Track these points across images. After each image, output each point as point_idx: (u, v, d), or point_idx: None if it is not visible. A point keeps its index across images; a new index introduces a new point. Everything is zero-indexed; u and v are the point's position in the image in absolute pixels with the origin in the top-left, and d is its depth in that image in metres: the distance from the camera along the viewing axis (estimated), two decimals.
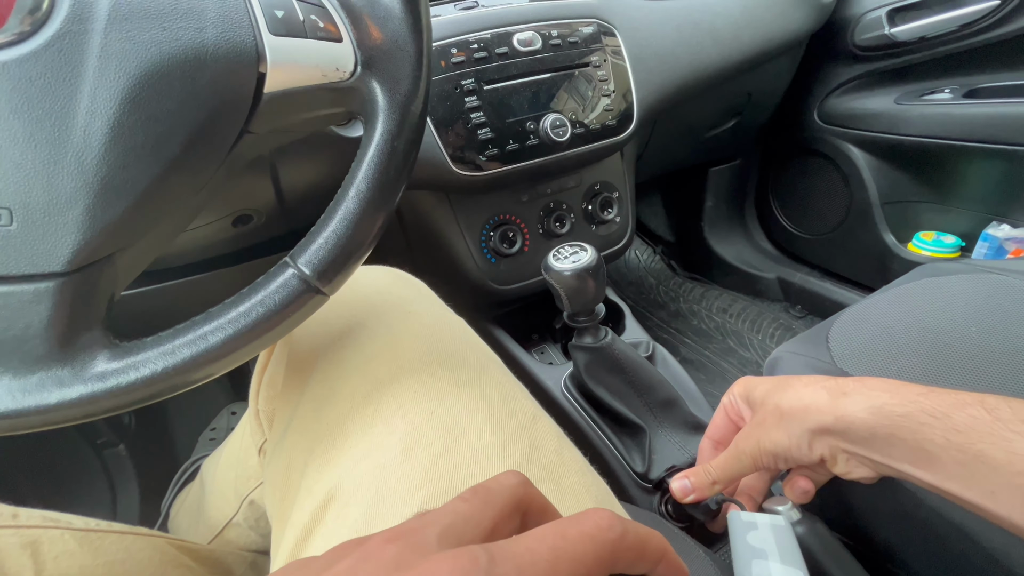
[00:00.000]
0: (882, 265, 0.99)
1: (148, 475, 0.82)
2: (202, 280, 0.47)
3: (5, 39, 0.21)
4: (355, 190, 0.27)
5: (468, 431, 0.26)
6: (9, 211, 0.21)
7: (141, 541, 0.41)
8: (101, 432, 0.79)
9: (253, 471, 0.43)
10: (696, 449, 0.49)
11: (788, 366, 0.53)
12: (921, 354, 0.48)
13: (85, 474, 0.78)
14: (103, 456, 0.79)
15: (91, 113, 0.22)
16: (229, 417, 0.86)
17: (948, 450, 0.25)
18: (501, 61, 0.56)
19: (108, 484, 0.79)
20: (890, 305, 0.55)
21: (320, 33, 0.26)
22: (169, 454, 0.88)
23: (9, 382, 0.22)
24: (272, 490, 0.31)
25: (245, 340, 0.25)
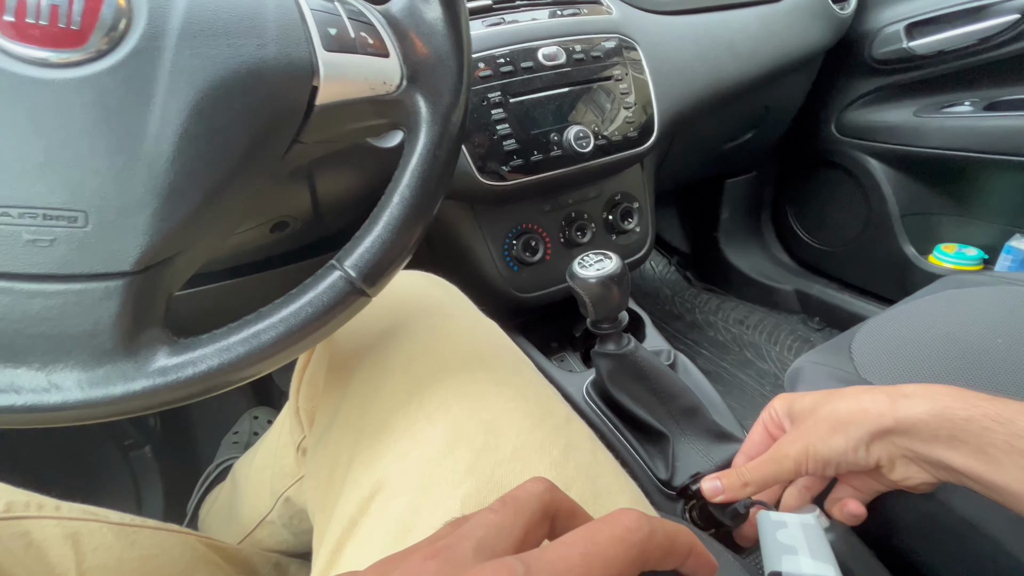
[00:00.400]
0: (902, 277, 0.99)
1: (172, 477, 0.84)
2: (239, 284, 0.49)
3: (87, 56, 0.23)
4: (399, 196, 0.28)
5: (508, 428, 0.27)
6: (85, 213, 0.23)
7: (173, 537, 0.42)
8: (128, 433, 0.81)
9: (290, 469, 0.44)
10: (719, 457, 0.49)
11: (810, 376, 0.53)
12: (947, 365, 0.48)
13: (112, 474, 0.79)
14: (129, 457, 0.81)
15: (161, 124, 0.23)
16: (251, 421, 0.87)
17: (1011, 454, 0.25)
18: (526, 75, 0.57)
19: (133, 484, 0.81)
20: (914, 316, 0.55)
21: (369, 49, 0.28)
22: (192, 457, 0.90)
23: (79, 375, 0.23)
24: (315, 484, 0.32)
25: (295, 339, 0.26)
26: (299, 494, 0.44)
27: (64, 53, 0.22)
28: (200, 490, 0.73)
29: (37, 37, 0.22)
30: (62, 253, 0.22)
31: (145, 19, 0.23)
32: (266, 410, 0.91)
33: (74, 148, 0.22)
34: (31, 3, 0.22)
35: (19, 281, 0.22)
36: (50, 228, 0.22)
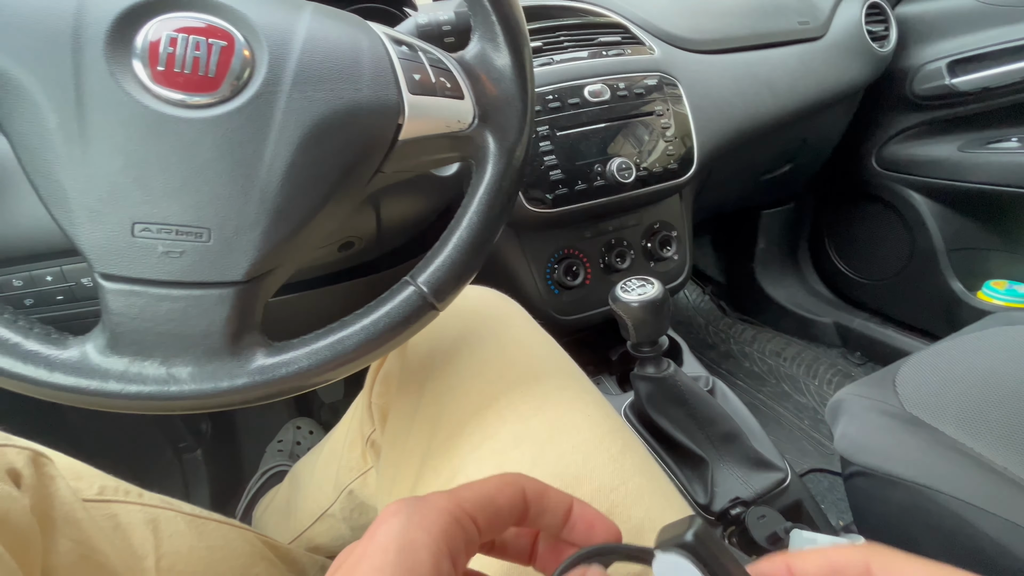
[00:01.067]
0: (949, 313, 0.96)
1: (218, 479, 0.88)
2: (304, 296, 0.53)
3: (217, 99, 0.27)
4: (467, 221, 0.32)
5: (569, 426, 0.29)
6: (209, 230, 0.27)
7: (235, 532, 0.45)
8: (183, 437, 0.86)
9: (356, 462, 0.47)
10: (759, 484, 0.49)
11: (853, 409, 0.53)
12: (996, 402, 0.47)
13: (166, 472, 0.84)
14: (182, 459, 0.86)
15: (274, 156, 0.27)
16: (295, 431, 0.91)
17: None
18: (573, 110, 0.61)
19: (183, 484, 0.85)
20: (963, 352, 0.55)
21: (447, 92, 0.31)
22: (237, 462, 0.94)
23: (192, 369, 0.27)
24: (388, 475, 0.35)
25: (374, 345, 0.29)
26: (363, 487, 0.47)
27: (199, 97, 0.27)
28: (248, 495, 0.77)
29: (180, 83, 0.26)
30: (188, 263, 0.26)
31: (265, 69, 0.27)
32: (308, 421, 0.95)
33: (204, 175, 0.26)
34: (179, 55, 0.26)
35: (152, 286, 0.26)
36: (181, 242, 0.26)
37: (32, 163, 0.26)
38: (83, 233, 0.26)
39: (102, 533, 0.35)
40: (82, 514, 0.34)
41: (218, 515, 0.46)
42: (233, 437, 0.95)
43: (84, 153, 0.25)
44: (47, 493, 0.32)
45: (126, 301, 0.26)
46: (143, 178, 0.26)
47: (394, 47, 0.31)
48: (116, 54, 0.26)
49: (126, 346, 0.26)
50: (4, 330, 0.25)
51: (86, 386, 0.26)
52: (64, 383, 0.25)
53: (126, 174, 0.26)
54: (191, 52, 0.26)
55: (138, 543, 0.37)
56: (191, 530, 0.41)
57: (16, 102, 0.25)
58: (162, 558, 0.38)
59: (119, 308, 0.26)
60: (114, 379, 0.26)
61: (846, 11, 0.88)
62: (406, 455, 0.34)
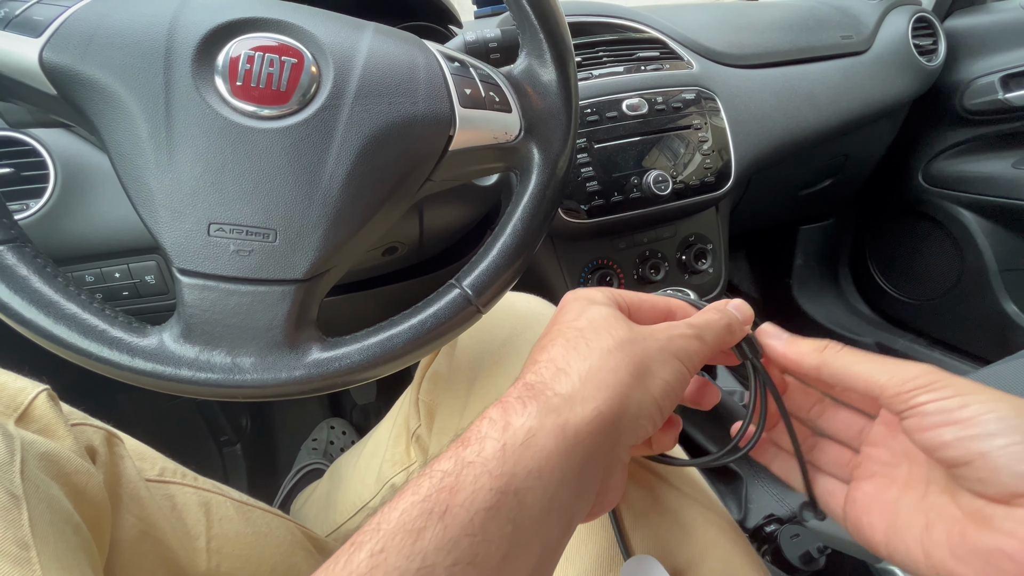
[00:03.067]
0: (1002, 336, 0.92)
1: (255, 473, 0.91)
2: (348, 299, 0.55)
3: (287, 111, 0.29)
4: (511, 228, 0.33)
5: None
6: (275, 231, 0.29)
7: (278, 521, 0.47)
8: (225, 431, 0.90)
9: (400, 456, 0.49)
10: (795, 501, 0.48)
11: None
12: None
13: (207, 464, 0.88)
14: (223, 452, 0.90)
15: (336, 164, 0.29)
16: (328, 431, 0.94)
17: None
18: (611, 123, 0.62)
19: (224, 476, 0.89)
20: (1017, 377, 0.53)
21: (496, 105, 0.33)
22: (272, 458, 0.98)
23: (255, 360, 0.29)
24: None
25: (421, 343, 0.31)
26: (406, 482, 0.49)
27: (270, 109, 0.29)
28: (284, 491, 0.79)
29: (255, 97, 0.29)
30: (257, 261, 0.28)
31: (331, 84, 0.30)
32: (341, 421, 0.98)
33: (272, 181, 0.29)
34: (255, 71, 0.29)
35: (224, 282, 0.28)
36: (250, 241, 0.28)
37: (125, 168, 0.28)
38: (165, 231, 0.28)
39: (161, 512, 0.37)
40: (144, 493, 0.36)
41: (263, 504, 0.48)
42: (271, 434, 0.99)
43: (170, 159, 0.28)
44: (117, 471, 0.35)
45: (200, 295, 0.28)
46: (219, 182, 0.28)
47: (447, 63, 0.33)
48: (201, 70, 0.28)
49: (198, 336, 0.28)
50: (93, 317, 0.28)
51: (162, 371, 0.28)
52: (143, 368, 0.28)
53: (205, 179, 0.28)
54: (266, 69, 0.29)
55: (192, 524, 0.40)
56: (239, 515, 0.43)
57: (114, 113, 0.28)
58: (212, 539, 0.40)
59: (193, 301, 0.28)
60: (186, 366, 0.28)
61: (892, 25, 0.87)
62: None
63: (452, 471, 0.18)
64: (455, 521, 0.17)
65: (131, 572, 0.34)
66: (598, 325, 0.23)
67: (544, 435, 0.19)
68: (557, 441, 0.19)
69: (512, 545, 0.17)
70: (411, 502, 0.18)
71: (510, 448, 0.18)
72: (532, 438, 0.18)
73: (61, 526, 0.28)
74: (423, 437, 0.44)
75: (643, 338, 0.23)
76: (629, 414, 0.21)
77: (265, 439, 0.97)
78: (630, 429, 0.21)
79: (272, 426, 1.01)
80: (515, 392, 0.21)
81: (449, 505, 0.17)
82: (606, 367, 0.21)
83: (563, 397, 0.20)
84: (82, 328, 0.27)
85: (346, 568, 0.16)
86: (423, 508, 0.17)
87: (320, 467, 0.83)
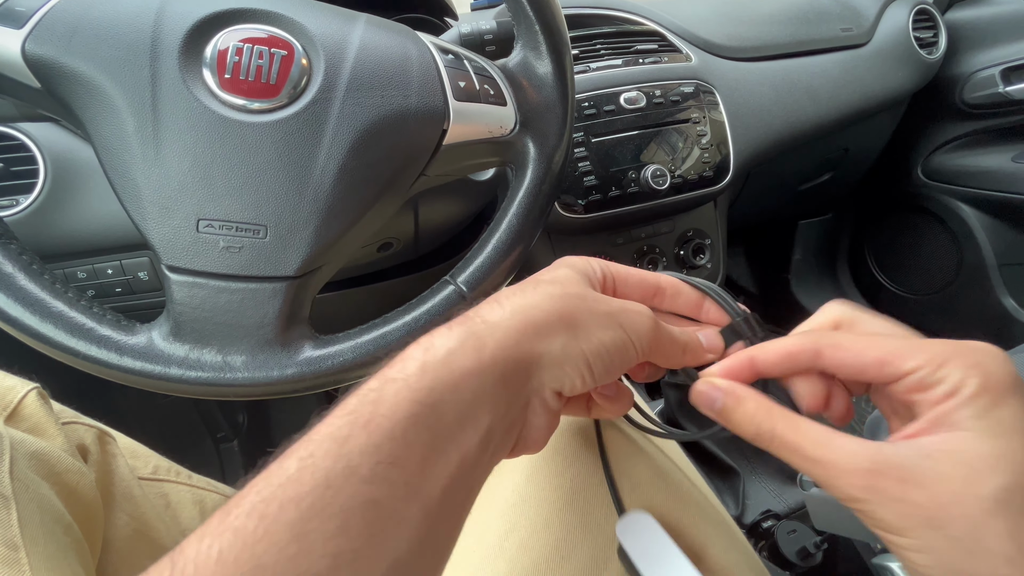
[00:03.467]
0: (999, 331, 0.92)
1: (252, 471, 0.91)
2: (343, 295, 0.55)
3: (277, 104, 0.29)
4: (507, 224, 0.32)
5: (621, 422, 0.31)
6: (266, 227, 0.28)
7: None
8: (221, 427, 0.89)
9: None
10: (792, 499, 0.48)
11: None
12: None
13: (204, 461, 0.88)
14: (220, 449, 0.89)
15: (327, 158, 0.29)
16: None
17: None
18: (608, 117, 0.61)
19: (221, 474, 0.88)
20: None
21: (490, 98, 0.32)
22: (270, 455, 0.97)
23: (246, 359, 0.28)
24: None
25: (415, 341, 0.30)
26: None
27: (260, 102, 0.28)
28: None
29: (245, 90, 0.28)
30: (247, 258, 0.28)
31: (321, 77, 0.29)
32: None
33: (262, 176, 0.28)
34: (244, 64, 0.28)
35: (213, 279, 0.28)
36: (240, 238, 0.28)
37: (111, 163, 0.28)
38: (153, 227, 0.28)
39: (155, 510, 0.37)
40: (138, 491, 0.36)
41: None
42: (267, 430, 0.99)
43: (157, 154, 0.27)
44: (109, 469, 0.35)
45: (189, 292, 0.28)
46: (208, 178, 0.28)
47: (440, 55, 0.32)
48: (189, 63, 0.28)
49: (187, 334, 0.28)
50: (80, 316, 0.27)
51: (151, 370, 0.27)
52: (132, 367, 0.27)
53: (193, 174, 0.28)
54: (255, 61, 0.28)
55: (186, 521, 0.40)
56: None
57: (100, 107, 0.27)
58: None
59: (182, 298, 0.28)
60: (176, 364, 0.28)
61: (892, 17, 0.86)
62: None
63: (376, 387, 0.20)
64: (378, 429, 0.18)
65: (125, 571, 0.34)
66: (557, 278, 0.23)
67: (462, 353, 0.20)
68: (472, 361, 0.20)
69: (430, 450, 0.19)
70: (338, 415, 0.19)
71: (430, 365, 0.20)
72: (450, 355, 0.20)
73: (52, 526, 0.28)
74: None
75: (593, 299, 0.23)
76: (551, 355, 0.22)
77: (262, 436, 0.97)
78: (552, 371, 0.22)
79: (269, 423, 1.01)
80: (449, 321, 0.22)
81: (372, 415, 0.18)
82: (539, 306, 0.22)
83: (488, 323, 0.21)
84: (69, 326, 0.27)
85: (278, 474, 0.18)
86: (349, 419, 0.18)
87: None
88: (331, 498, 0.17)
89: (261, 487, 0.17)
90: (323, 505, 0.17)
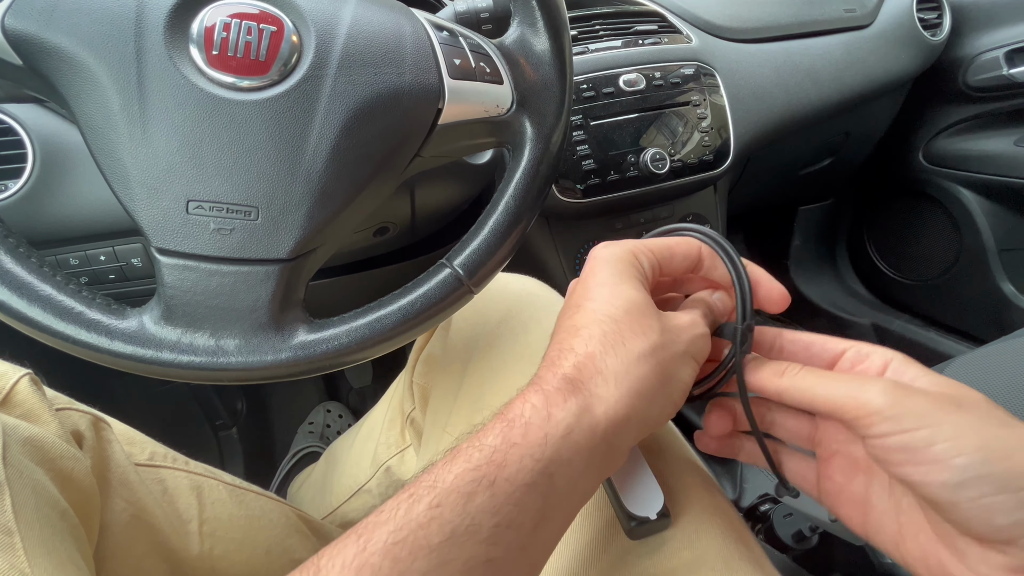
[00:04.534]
0: (998, 316, 0.92)
1: (251, 457, 0.91)
2: (339, 281, 0.54)
3: (267, 82, 0.28)
4: (503, 206, 0.32)
5: None
6: (257, 209, 0.28)
7: (272, 504, 0.47)
8: (220, 415, 0.90)
9: (395, 439, 0.49)
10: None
11: None
12: None
13: (203, 448, 0.88)
14: (219, 436, 0.90)
15: (319, 138, 0.28)
16: (325, 414, 0.94)
17: None
18: (607, 100, 0.60)
19: (220, 461, 0.89)
20: (1011, 356, 0.52)
21: (487, 77, 0.32)
22: (269, 442, 0.98)
23: (239, 343, 0.28)
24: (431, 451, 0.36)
25: (411, 325, 0.30)
26: (400, 464, 0.48)
27: (249, 80, 0.28)
28: (281, 474, 0.80)
29: (233, 67, 0.27)
30: (238, 240, 0.27)
31: (312, 53, 0.28)
32: (337, 405, 0.98)
33: (253, 156, 0.28)
34: (232, 40, 0.27)
35: (204, 262, 0.27)
36: (231, 219, 0.27)
37: (97, 142, 0.27)
38: (141, 209, 0.27)
39: (151, 496, 0.37)
40: (134, 477, 0.36)
41: (257, 487, 0.48)
42: (266, 417, 0.99)
43: (144, 133, 0.27)
44: (104, 455, 0.34)
45: (180, 275, 0.27)
46: (197, 157, 0.27)
47: (435, 32, 0.31)
48: (174, 38, 0.27)
49: (179, 318, 0.27)
50: (69, 299, 0.27)
51: (142, 354, 0.27)
52: (122, 351, 0.27)
53: (181, 153, 0.27)
54: (243, 37, 0.27)
55: (183, 507, 0.39)
56: (232, 499, 0.43)
57: (84, 84, 0.26)
58: (204, 523, 0.40)
59: (173, 281, 0.27)
60: (168, 349, 0.27)
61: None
62: (447, 435, 0.35)
63: (500, 448, 0.21)
64: (500, 491, 0.20)
65: (122, 557, 0.34)
66: (634, 319, 0.24)
67: (579, 432, 0.21)
68: (588, 438, 0.22)
69: (542, 517, 0.21)
70: (464, 468, 0.20)
71: (551, 438, 0.21)
72: (569, 434, 0.21)
73: (47, 511, 0.28)
74: (417, 420, 0.44)
75: (671, 342, 0.24)
76: (652, 417, 0.24)
77: (261, 423, 0.97)
78: (652, 428, 0.24)
79: (268, 410, 1.01)
80: (554, 382, 0.23)
81: (497, 477, 0.20)
82: (639, 374, 0.23)
83: (599, 399, 0.22)
84: (58, 310, 0.26)
85: (407, 515, 0.19)
86: (475, 476, 0.20)
87: (316, 450, 0.83)
88: (456, 554, 0.18)
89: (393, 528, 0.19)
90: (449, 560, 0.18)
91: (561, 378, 0.23)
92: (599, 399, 0.22)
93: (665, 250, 0.27)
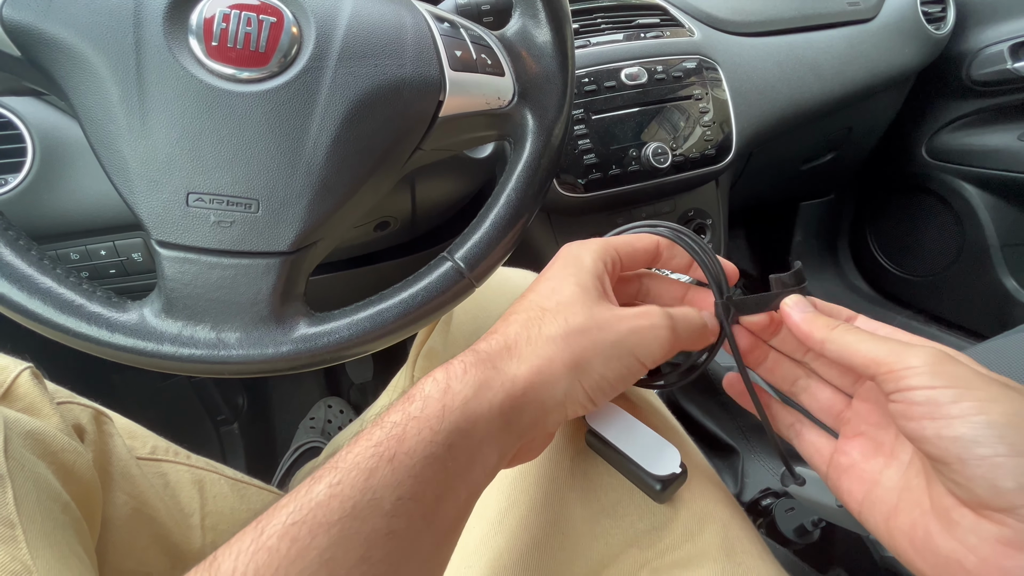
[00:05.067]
0: (1001, 312, 0.92)
1: (252, 452, 0.91)
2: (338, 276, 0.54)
3: (266, 74, 0.28)
4: (505, 199, 0.32)
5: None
6: (257, 202, 0.28)
7: (274, 498, 0.47)
8: (221, 410, 0.90)
9: None
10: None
11: None
12: None
13: (204, 443, 0.88)
14: (220, 431, 0.90)
15: (320, 130, 0.28)
16: (326, 409, 0.94)
17: None
18: (608, 93, 0.60)
19: (221, 455, 0.89)
20: (1015, 352, 0.52)
21: (488, 69, 0.31)
22: (270, 437, 0.98)
23: (240, 336, 0.28)
24: None
25: (412, 318, 0.30)
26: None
27: (249, 71, 0.27)
28: (282, 469, 0.80)
29: (232, 58, 0.27)
30: (238, 233, 0.27)
31: (312, 45, 0.28)
32: (338, 400, 0.98)
33: (253, 148, 0.27)
34: (231, 31, 0.27)
35: (204, 254, 0.27)
36: (231, 212, 0.27)
37: (96, 135, 0.27)
38: (142, 202, 0.27)
39: (153, 490, 0.37)
40: (136, 471, 0.36)
41: (259, 481, 0.48)
42: (268, 413, 0.99)
43: (143, 125, 0.26)
44: (106, 449, 0.34)
45: (180, 268, 0.27)
46: (197, 150, 0.27)
47: (436, 24, 0.31)
48: (174, 29, 0.27)
49: (180, 311, 0.27)
50: (70, 293, 0.27)
51: (143, 347, 0.27)
52: (123, 344, 0.27)
53: (181, 146, 0.27)
54: (243, 28, 0.27)
55: (185, 501, 0.40)
56: (234, 493, 0.43)
57: (83, 76, 0.26)
58: (206, 517, 0.40)
59: (173, 274, 0.27)
60: (168, 342, 0.27)
61: None
62: None
63: (400, 423, 0.21)
64: (400, 465, 0.20)
65: (124, 549, 0.34)
66: (562, 307, 0.25)
67: (476, 403, 0.22)
68: (485, 409, 0.22)
69: (444, 487, 0.21)
70: (364, 447, 0.20)
71: (448, 410, 0.21)
72: (466, 404, 0.22)
73: (48, 504, 0.28)
74: None
75: (598, 328, 0.25)
76: (554, 399, 0.24)
77: (262, 418, 0.97)
78: (555, 411, 0.24)
79: (269, 405, 1.01)
80: (463, 356, 0.24)
81: (396, 451, 0.20)
82: (544, 354, 0.24)
83: (500, 373, 0.23)
84: (58, 303, 0.26)
85: (307, 496, 0.19)
86: (375, 452, 0.20)
87: (318, 445, 0.83)
88: (357, 528, 0.18)
89: (292, 509, 0.19)
90: (350, 535, 0.18)
91: (473, 354, 0.24)
92: (501, 373, 0.23)
93: (626, 245, 0.29)
